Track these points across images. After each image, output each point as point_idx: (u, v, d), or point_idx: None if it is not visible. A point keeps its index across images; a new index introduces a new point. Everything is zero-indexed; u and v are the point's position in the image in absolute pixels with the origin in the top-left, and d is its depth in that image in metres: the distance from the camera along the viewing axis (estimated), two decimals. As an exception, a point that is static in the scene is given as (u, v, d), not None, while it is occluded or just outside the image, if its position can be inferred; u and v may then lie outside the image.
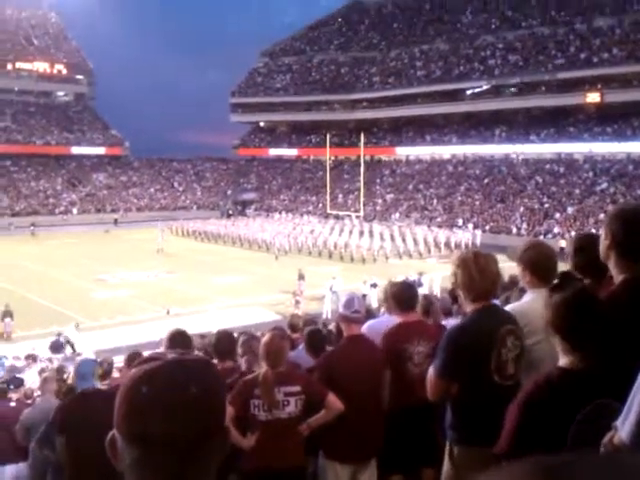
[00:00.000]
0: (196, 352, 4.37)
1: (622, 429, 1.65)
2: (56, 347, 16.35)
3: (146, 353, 5.53)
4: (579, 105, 53.93)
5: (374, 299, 21.51)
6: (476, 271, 3.04)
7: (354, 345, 4.27)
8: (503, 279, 3.27)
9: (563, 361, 2.30)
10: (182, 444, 1.01)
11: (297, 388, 3.92)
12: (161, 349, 5.59)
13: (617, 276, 2.54)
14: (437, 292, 24.90)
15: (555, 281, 2.44)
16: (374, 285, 23.71)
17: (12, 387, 7.21)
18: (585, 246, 2.72)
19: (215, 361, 4.90)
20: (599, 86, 51.81)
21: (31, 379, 8.71)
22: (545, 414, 2.17)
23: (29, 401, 7.25)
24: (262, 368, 3.98)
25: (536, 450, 2.21)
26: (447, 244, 40.52)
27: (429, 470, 4.64)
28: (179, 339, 4.83)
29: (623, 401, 2.16)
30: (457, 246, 40.15)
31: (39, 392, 7.09)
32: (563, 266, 3.41)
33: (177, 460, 1.01)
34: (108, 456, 1.08)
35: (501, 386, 2.88)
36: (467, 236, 41.86)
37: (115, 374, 7.58)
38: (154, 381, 1.03)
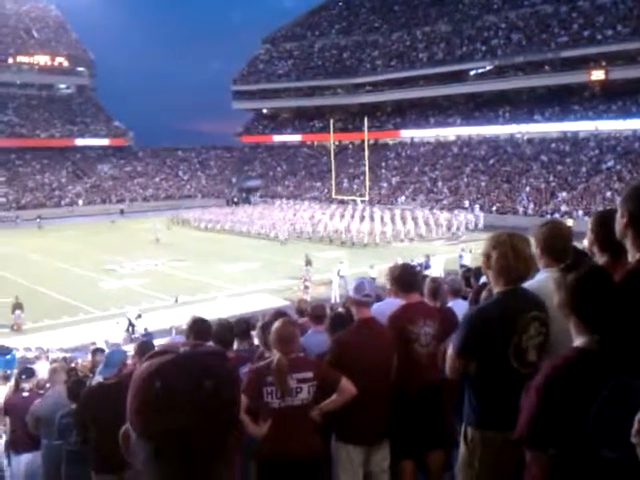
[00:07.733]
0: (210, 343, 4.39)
1: None
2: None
3: (157, 342, 5.54)
4: (584, 83, 53.53)
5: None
6: (512, 253, 2.94)
7: (365, 328, 4.24)
8: (536, 263, 3.14)
9: (579, 341, 2.25)
10: (196, 439, 0.98)
11: (310, 374, 3.89)
12: (173, 337, 5.61)
13: (634, 254, 2.49)
14: (442, 274, 24.95)
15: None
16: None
17: (24, 377, 7.27)
18: (606, 221, 2.68)
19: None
20: (603, 63, 51.36)
21: (43, 370, 8.76)
22: (565, 396, 2.13)
23: (41, 391, 7.32)
24: (274, 355, 3.96)
25: (557, 433, 2.19)
26: (449, 226, 40.49)
27: (437, 452, 4.64)
28: (199, 327, 4.85)
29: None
30: (459, 228, 40.20)
31: (49, 383, 7.16)
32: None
33: (192, 455, 0.99)
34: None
35: (520, 372, 2.80)
36: (470, 218, 41.75)
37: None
38: (167, 376, 0.99)
